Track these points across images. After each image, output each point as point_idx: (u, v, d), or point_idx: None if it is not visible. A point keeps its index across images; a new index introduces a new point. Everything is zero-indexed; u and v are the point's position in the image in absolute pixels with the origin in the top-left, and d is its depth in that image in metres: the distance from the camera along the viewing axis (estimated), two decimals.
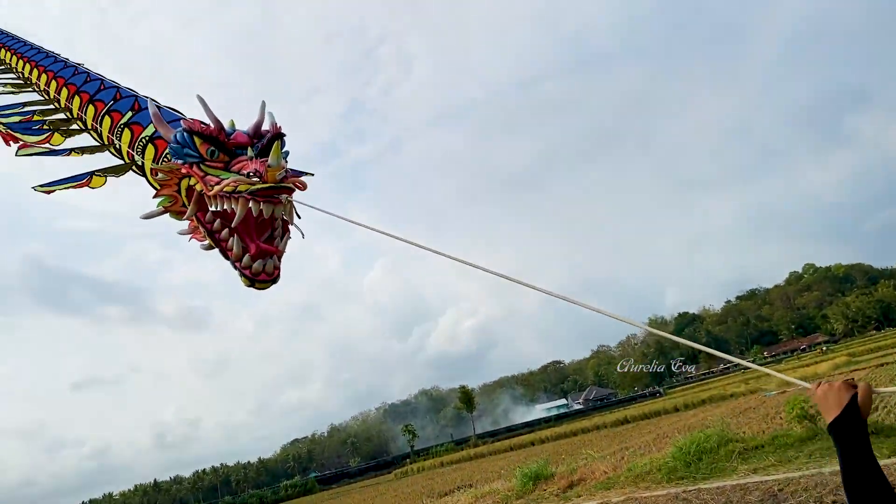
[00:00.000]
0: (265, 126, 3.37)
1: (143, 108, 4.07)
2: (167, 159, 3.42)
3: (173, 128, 3.46)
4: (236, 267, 3.08)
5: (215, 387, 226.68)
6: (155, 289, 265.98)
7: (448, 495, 30.98)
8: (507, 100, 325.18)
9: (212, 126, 3.22)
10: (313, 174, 3.95)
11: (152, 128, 3.72)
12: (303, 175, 3.45)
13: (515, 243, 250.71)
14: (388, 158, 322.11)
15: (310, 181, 3.31)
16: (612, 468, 18.82)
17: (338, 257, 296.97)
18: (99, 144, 4.61)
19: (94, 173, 4.43)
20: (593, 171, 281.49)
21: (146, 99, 4.25)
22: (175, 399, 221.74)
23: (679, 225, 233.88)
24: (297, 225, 3.32)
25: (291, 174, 3.11)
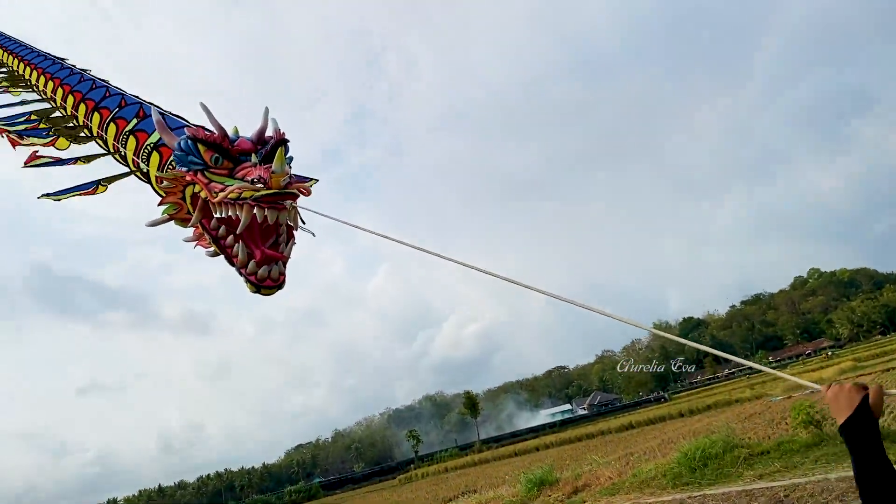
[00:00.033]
0: (269, 132, 3.38)
1: (148, 115, 4.08)
2: (172, 166, 3.43)
3: (177, 135, 3.47)
4: (242, 273, 3.08)
5: (219, 391, 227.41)
6: (158, 293, 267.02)
7: (452, 501, 30.96)
8: (511, 104, 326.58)
9: (215, 133, 3.24)
10: (318, 180, 3.96)
11: (157, 135, 3.73)
12: (307, 181, 3.46)
13: (518, 247, 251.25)
14: (391, 163, 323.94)
15: (314, 186, 3.32)
16: (617, 474, 18.77)
17: (342, 262, 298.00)
18: (105, 152, 4.64)
19: (100, 182, 4.46)
20: (596, 175, 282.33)
21: (150, 106, 4.27)
22: (179, 404, 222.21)
23: (683, 229, 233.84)
24: (306, 226, 3.34)
25: (295, 180, 3.13)
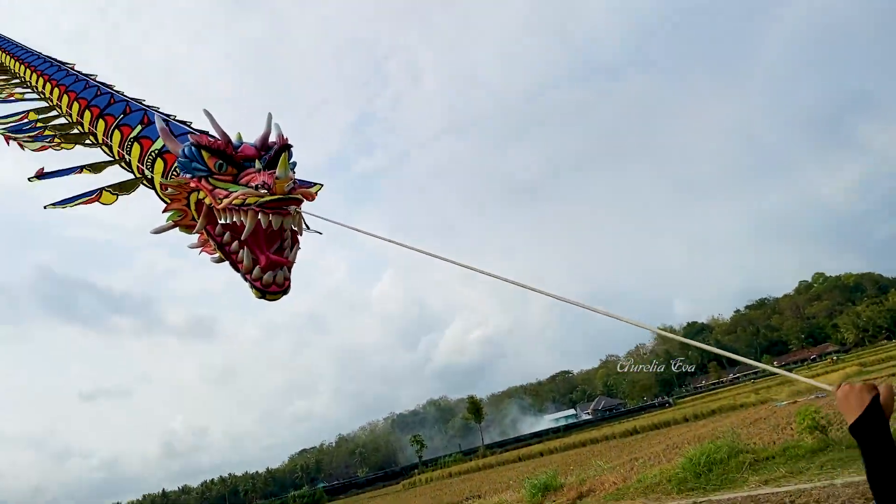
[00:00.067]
0: (272, 138, 3.40)
1: (152, 121, 4.12)
2: (176, 173, 3.46)
3: (181, 142, 3.49)
4: (247, 279, 3.10)
5: (223, 396, 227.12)
6: (163, 298, 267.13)
7: None
8: (514, 108, 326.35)
9: (219, 140, 3.26)
10: (322, 185, 3.97)
11: (161, 142, 3.75)
12: (312, 186, 3.48)
13: (522, 252, 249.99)
14: (396, 169, 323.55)
15: (318, 192, 3.33)
16: (621, 479, 18.73)
17: (346, 267, 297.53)
18: (111, 159, 4.66)
19: (104, 189, 4.49)
20: (600, 180, 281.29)
21: (154, 112, 4.29)
22: (183, 409, 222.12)
23: (687, 233, 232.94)
24: (314, 227, 3.36)
25: (300, 185, 3.15)
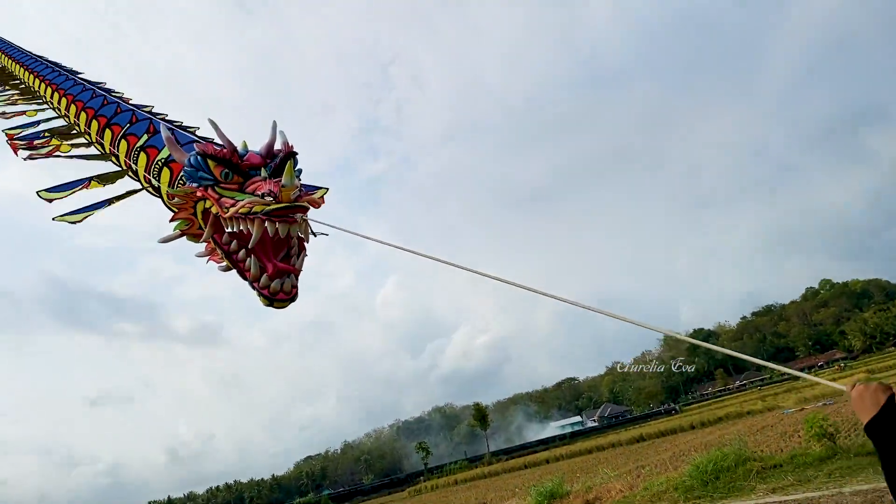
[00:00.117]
0: (277, 146, 3.41)
1: (158, 130, 4.13)
2: (182, 182, 3.47)
3: (187, 151, 3.51)
4: (254, 287, 3.10)
5: (229, 403, 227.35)
6: (169, 305, 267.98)
7: None
8: (520, 116, 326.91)
9: (225, 148, 3.27)
10: (328, 189, 3.98)
11: (167, 151, 3.77)
12: (317, 190, 3.48)
13: (528, 260, 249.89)
14: (401, 175, 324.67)
15: (324, 196, 3.33)
16: (628, 487, 18.62)
17: (351, 274, 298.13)
18: (119, 170, 4.69)
19: (111, 200, 4.52)
20: (607, 188, 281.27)
21: (161, 122, 4.31)
22: (189, 415, 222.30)
23: (693, 241, 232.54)
24: (321, 227, 3.37)
25: (305, 191, 3.16)
